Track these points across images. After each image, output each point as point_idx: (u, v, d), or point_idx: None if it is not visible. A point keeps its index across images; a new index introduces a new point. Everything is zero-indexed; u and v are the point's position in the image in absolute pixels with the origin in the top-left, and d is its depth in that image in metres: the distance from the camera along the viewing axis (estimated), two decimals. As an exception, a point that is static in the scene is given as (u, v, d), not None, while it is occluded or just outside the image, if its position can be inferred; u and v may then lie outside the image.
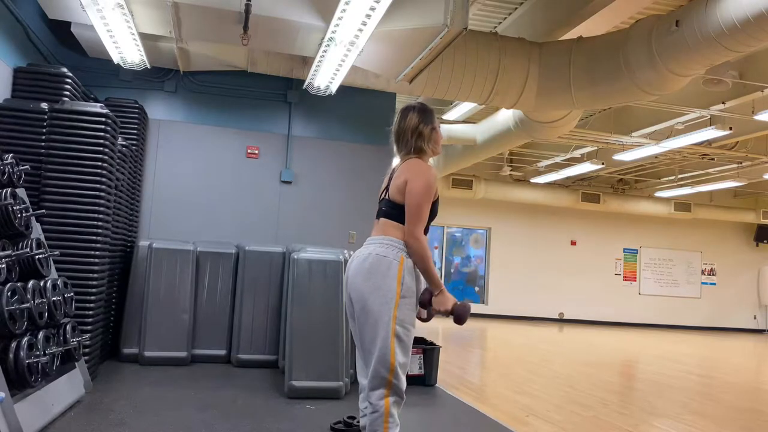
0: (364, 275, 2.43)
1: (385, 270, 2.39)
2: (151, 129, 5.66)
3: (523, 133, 7.45)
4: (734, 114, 7.30)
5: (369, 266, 2.42)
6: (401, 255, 2.42)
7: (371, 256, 2.44)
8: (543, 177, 11.98)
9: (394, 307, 2.37)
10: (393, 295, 2.37)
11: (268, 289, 5.01)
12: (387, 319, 2.36)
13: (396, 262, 2.40)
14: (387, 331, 2.36)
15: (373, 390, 2.39)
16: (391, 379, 2.37)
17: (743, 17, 4.08)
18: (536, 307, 13.38)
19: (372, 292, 2.39)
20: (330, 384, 3.93)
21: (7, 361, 2.64)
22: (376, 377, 2.39)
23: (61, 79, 4.17)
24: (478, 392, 4.92)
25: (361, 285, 2.43)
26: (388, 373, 2.36)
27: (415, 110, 2.61)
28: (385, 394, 2.38)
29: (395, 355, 2.36)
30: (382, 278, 2.39)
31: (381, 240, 2.48)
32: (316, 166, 6.05)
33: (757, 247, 14.97)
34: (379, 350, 2.36)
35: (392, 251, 2.43)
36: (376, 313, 2.37)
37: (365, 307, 2.40)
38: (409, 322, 2.42)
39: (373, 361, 2.38)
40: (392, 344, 2.36)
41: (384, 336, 2.36)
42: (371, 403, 2.40)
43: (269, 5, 3.93)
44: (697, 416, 4.56)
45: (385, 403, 2.37)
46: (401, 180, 2.47)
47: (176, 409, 3.47)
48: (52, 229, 3.69)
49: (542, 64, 5.48)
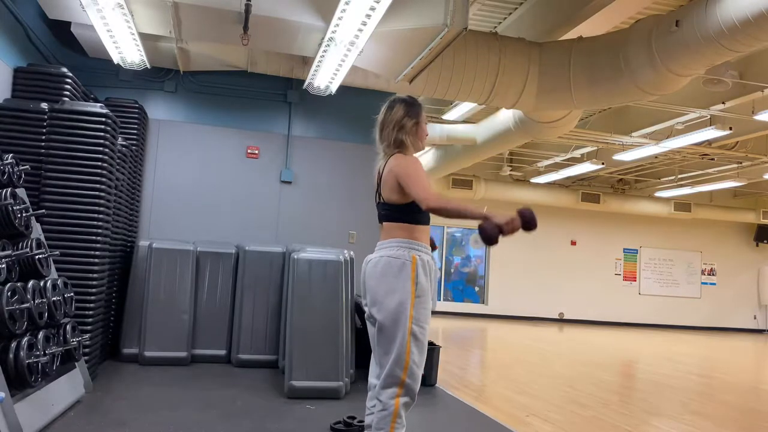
0: (377, 278, 2.43)
1: (398, 271, 2.39)
2: (151, 129, 5.66)
3: (523, 133, 7.44)
4: (734, 114, 7.30)
5: (382, 269, 2.42)
6: (413, 254, 2.42)
7: (383, 259, 2.44)
8: (543, 177, 11.98)
9: (410, 306, 2.37)
10: (408, 296, 2.37)
11: (268, 289, 5.01)
12: (404, 319, 2.37)
13: (408, 262, 2.40)
14: (404, 331, 2.37)
15: (385, 388, 2.39)
16: (404, 378, 2.38)
17: (743, 17, 4.07)
18: (536, 307, 13.38)
19: (387, 293, 2.39)
20: (330, 384, 3.93)
21: (7, 361, 2.64)
22: (390, 376, 2.38)
23: (61, 79, 4.17)
24: (478, 392, 4.92)
25: (375, 288, 2.43)
26: (403, 372, 2.37)
27: (402, 102, 2.58)
28: (396, 393, 2.38)
29: (411, 354, 2.38)
30: (395, 279, 2.39)
31: (389, 243, 2.47)
32: (316, 166, 6.05)
33: (757, 247, 14.97)
34: (397, 350, 2.37)
35: (403, 252, 2.42)
36: (393, 313, 2.38)
37: (381, 309, 2.40)
38: (424, 321, 2.43)
39: (390, 361, 2.38)
40: (408, 343, 2.37)
41: (401, 336, 2.37)
42: (381, 400, 2.40)
43: (269, 5, 3.93)
44: (697, 416, 4.56)
45: (395, 402, 2.37)
46: (390, 179, 2.45)
47: (176, 409, 3.47)
48: (52, 229, 3.69)
49: (542, 64, 5.48)
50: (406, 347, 2.37)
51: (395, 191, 2.44)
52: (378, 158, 2.61)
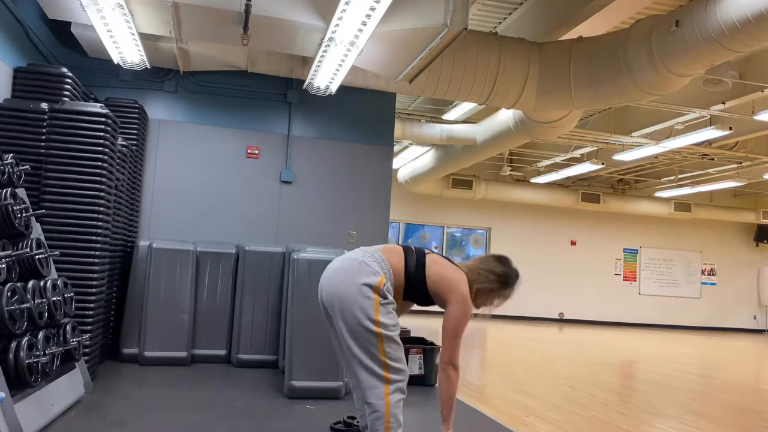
0: (341, 277, 2.35)
1: (361, 274, 2.32)
2: (151, 129, 5.66)
3: (523, 133, 7.45)
4: (734, 114, 7.30)
5: (347, 269, 2.36)
6: (383, 276, 2.34)
7: (355, 261, 2.37)
8: (543, 177, 11.98)
9: (375, 312, 2.28)
10: (372, 302, 2.28)
11: (268, 289, 5.01)
12: (367, 322, 2.28)
13: (377, 277, 2.32)
14: (372, 338, 2.28)
15: (370, 389, 2.29)
16: (387, 374, 2.28)
17: (743, 17, 4.08)
18: (536, 307, 13.37)
19: (349, 293, 2.31)
20: (330, 384, 3.93)
21: (7, 361, 2.64)
22: (371, 376, 2.29)
23: (61, 79, 4.17)
24: (478, 392, 4.92)
25: (337, 286, 2.35)
26: (382, 369, 2.28)
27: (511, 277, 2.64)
28: (384, 392, 2.27)
29: (386, 354, 2.28)
30: (358, 277, 2.31)
31: (374, 255, 2.41)
32: (316, 166, 6.05)
33: (757, 247, 14.97)
34: (365, 351, 2.28)
35: (378, 266, 2.36)
36: (354, 310, 2.28)
37: (343, 309, 2.31)
38: (393, 325, 2.34)
39: (365, 367, 2.29)
40: (380, 344, 2.28)
41: (369, 344, 2.28)
42: (369, 403, 2.30)
43: (269, 5, 3.93)
44: (697, 416, 4.56)
45: (385, 402, 2.26)
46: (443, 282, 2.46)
47: (176, 409, 3.47)
48: (52, 229, 3.69)
49: (542, 64, 5.48)
50: (379, 348, 2.28)
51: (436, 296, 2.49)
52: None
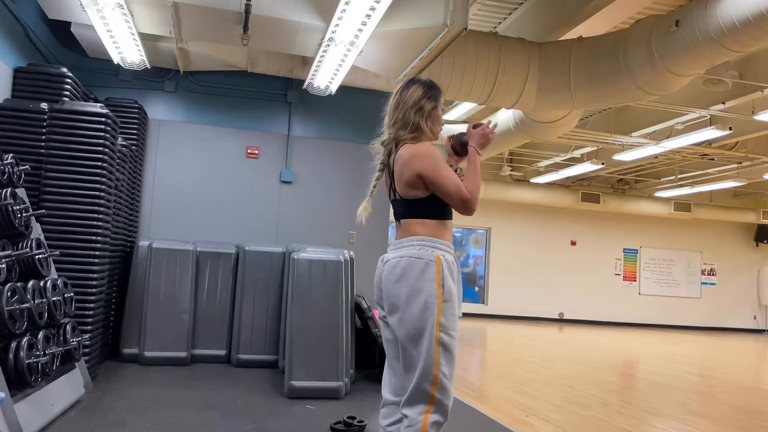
0: (396, 282, 2.12)
1: (421, 272, 2.09)
2: (151, 129, 5.66)
3: (523, 133, 7.45)
4: (734, 114, 7.29)
5: (402, 271, 2.12)
6: (437, 254, 2.12)
7: (403, 259, 2.13)
8: (543, 177, 11.98)
9: (436, 312, 2.07)
10: (434, 300, 2.07)
11: (268, 289, 5.01)
12: (430, 327, 2.07)
13: (432, 263, 2.10)
14: (430, 340, 2.07)
15: (412, 405, 2.10)
16: (434, 393, 2.08)
17: (743, 17, 4.08)
18: (536, 307, 13.37)
19: (410, 299, 2.09)
20: (330, 384, 3.93)
21: (7, 361, 2.64)
22: (417, 391, 2.09)
23: (61, 79, 4.17)
24: (478, 392, 4.92)
25: (395, 292, 2.12)
26: (432, 386, 2.08)
27: (421, 83, 2.27)
28: (425, 410, 2.08)
29: (440, 366, 2.08)
30: (418, 281, 2.09)
31: (410, 241, 2.16)
32: (316, 166, 6.05)
33: (757, 247, 14.97)
34: (423, 362, 2.07)
35: (425, 251, 2.12)
36: (416, 321, 2.07)
37: (404, 317, 2.10)
38: (452, 328, 2.13)
39: (416, 375, 2.08)
40: (437, 354, 2.08)
41: (428, 346, 2.07)
42: (407, 416, 2.10)
43: (269, 5, 3.93)
44: (697, 416, 4.55)
45: (424, 418, 2.07)
46: (407, 173, 2.15)
47: (176, 409, 3.47)
48: (52, 229, 3.69)
49: (542, 64, 5.48)
50: (435, 358, 2.07)
51: (414, 186, 2.15)
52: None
